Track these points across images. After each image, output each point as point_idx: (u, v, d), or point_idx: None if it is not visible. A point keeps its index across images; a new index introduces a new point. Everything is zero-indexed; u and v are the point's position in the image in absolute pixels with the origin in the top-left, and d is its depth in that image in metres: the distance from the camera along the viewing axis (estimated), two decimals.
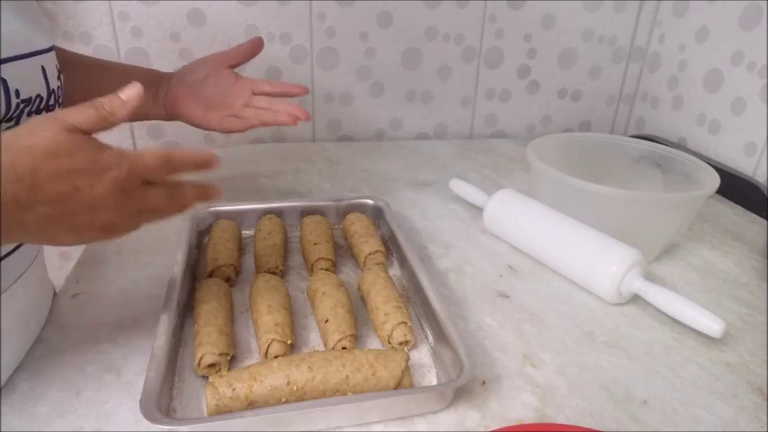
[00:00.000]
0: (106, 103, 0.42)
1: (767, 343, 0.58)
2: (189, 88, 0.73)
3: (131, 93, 0.43)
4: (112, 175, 0.39)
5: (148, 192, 0.42)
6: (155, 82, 0.74)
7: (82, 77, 0.68)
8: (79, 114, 0.40)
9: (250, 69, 1.05)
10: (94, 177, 0.39)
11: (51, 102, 0.49)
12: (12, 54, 0.44)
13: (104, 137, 0.42)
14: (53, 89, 0.49)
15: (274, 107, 0.73)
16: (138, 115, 0.76)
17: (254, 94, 0.74)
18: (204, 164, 0.45)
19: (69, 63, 0.67)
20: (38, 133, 0.38)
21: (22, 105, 0.45)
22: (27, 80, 0.46)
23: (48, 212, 0.38)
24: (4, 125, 0.44)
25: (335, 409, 0.45)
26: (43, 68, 0.48)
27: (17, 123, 0.45)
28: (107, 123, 0.41)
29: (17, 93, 0.44)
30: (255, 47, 0.74)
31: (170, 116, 0.75)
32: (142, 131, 1.07)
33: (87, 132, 0.40)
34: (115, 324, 0.56)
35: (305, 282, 0.64)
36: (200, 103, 0.73)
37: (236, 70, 0.75)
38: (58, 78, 0.51)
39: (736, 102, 0.96)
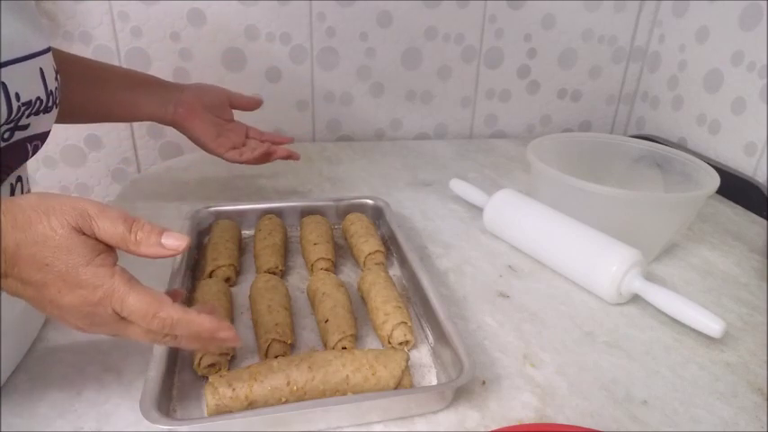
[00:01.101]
0: (142, 230, 0.39)
1: (767, 343, 0.58)
2: (204, 108, 0.76)
3: (172, 243, 0.39)
4: (82, 294, 0.37)
5: (125, 326, 0.39)
6: (162, 84, 0.76)
7: (85, 80, 0.69)
8: (108, 222, 0.38)
9: (250, 70, 1.05)
10: (65, 286, 0.37)
11: (50, 103, 0.49)
12: (11, 57, 0.44)
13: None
14: (51, 90, 0.49)
15: (272, 141, 0.81)
16: (138, 117, 0.77)
17: (247, 137, 0.81)
18: (212, 331, 0.40)
19: (73, 66, 0.67)
20: (46, 216, 0.37)
21: (23, 108, 0.45)
22: (26, 83, 0.45)
23: (19, 289, 0.38)
24: (5, 127, 0.44)
25: (335, 409, 0.45)
26: (41, 70, 0.48)
27: (17, 126, 0.45)
28: (126, 249, 0.39)
29: (17, 96, 0.44)
30: (255, 105, 0.81)
31: (175, 124, 0.76)
32: (142, 131, 1.07)
33: (98, 240, 0.38)
34: None
35: (305, 282, 0.64)
36: (213, 127, 0.77)
37: None
38: (56, 79, 0.51)
39: (736, 102, 0.96)
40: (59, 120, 0.66)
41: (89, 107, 0.73)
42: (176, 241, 0.39)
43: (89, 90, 0.70)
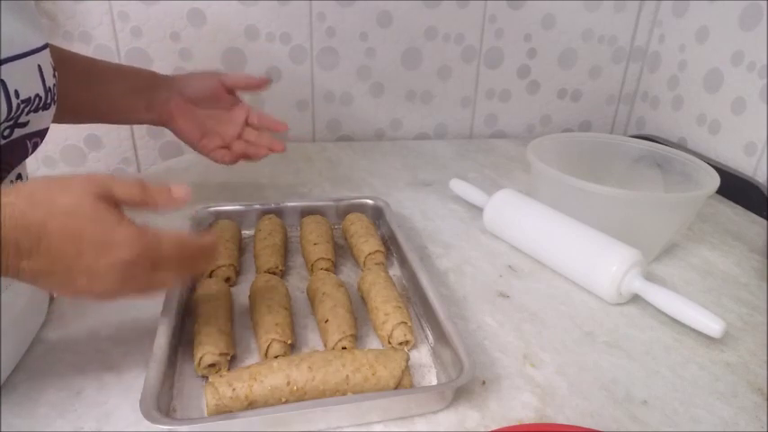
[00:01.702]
0: (154, 190, 0.42)
1: (767, 343, 0.58)
2: (188, 106, 0.73)
3: (181, 193, 0.44)
4: (121, 255, 0.38)
5: (155, 275, 0.41)
6: (151, 84, 0.74)
7: (77, 79, 0.67)
8: (122, 185, 0.40)
9: (250, 70, 1.05)
10: (102, 251, 0.38)
11: (48, 100, 0.49)
12: (9, 54, 0.44)
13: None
14: (49, 87, 0.49)
15: (259, 141, 0.75)
16: (128, 119, 0.76)
17: (247, 123, 0.76)
18: (210, 252, 0.47)
19: (66, 63, 0.66)
20: (67, 189, 0.38)
21: (22, 106, 0.45)
22: (25, 80, 0.45)
23: (45, 266, 0.37)
24: (5, 125, 0.44)
25: (335, 409, 0.45)
26: (39, 67, 0.48)
27: (16, 124, 0.45)
28: (144, 207, 0.42)
29: (17, 93, 0.44)
30: (262, 85, 0.75)
31: (162, 124, 0.75)
32: (142, 131, 1.07)
33: (118, 204, 0.40)
34: (115, 324, 0.56)
35: (305, 282, 0.64)
36: (197, 127, 0.73)
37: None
38: (54, 76, 0.51)
39: (736, 102, 0.96)
40: (55, 119, 0.66)
41: (80, 109, 0.71)
42: (182, 190, 0.44)
43: (80, 92, 0.68)
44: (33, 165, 1.05)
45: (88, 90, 0.69)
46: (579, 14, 1.13)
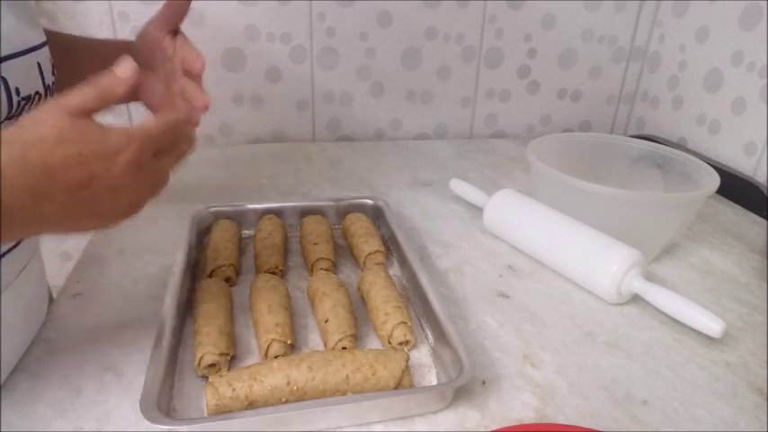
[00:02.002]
0: (103, 81, 0.41)
1: (767, 343, 0.58)
2: (147, 70, 0.61)
3: (126, 68, 0.42)
4: (125, 156, 0.39)
5: (160, 162, 0.43)
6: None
7: (60, 59, 0.60)
8: (79, 97, 0.40)
9: (250, 70, 1.05)
10: (108, 161, 0.38)
11: (48, 98, 0.49)
12: (9, 52, 0.44)
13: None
14: (48, 85, 0.49)
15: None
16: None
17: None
18: (200, 109, 0.50)
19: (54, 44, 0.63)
20: (42, 122, 0.37)
21: (23, 104, 0.45)
22: (25, 77, 0.45)
23: (67, 201, 0.37)
24: (6, 123, 0.44)
25: (335, 409, 0.45)
26: (39, 65, 0.48)
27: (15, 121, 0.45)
28: (107, 101, 0.41)
29: (17, 91, 0.44)
30: (181, 3, 0.60)
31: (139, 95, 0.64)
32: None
33: (90, 114, 0.40)
34: (115, 324, 0.56)
35: (305, 282, 0.64)
36: (155, 93, 0.62)
37: None
38: (53, 74, 0.51)
39: (736, 102, 0.96)
40: None
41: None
42: (124, 65, 0.43)
43: (63, 71, 0.59)
44: None
45: (69, 69, 0.60)
46: (579, 14, 1.13)
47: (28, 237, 0.38)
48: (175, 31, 0.62)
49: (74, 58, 0.63)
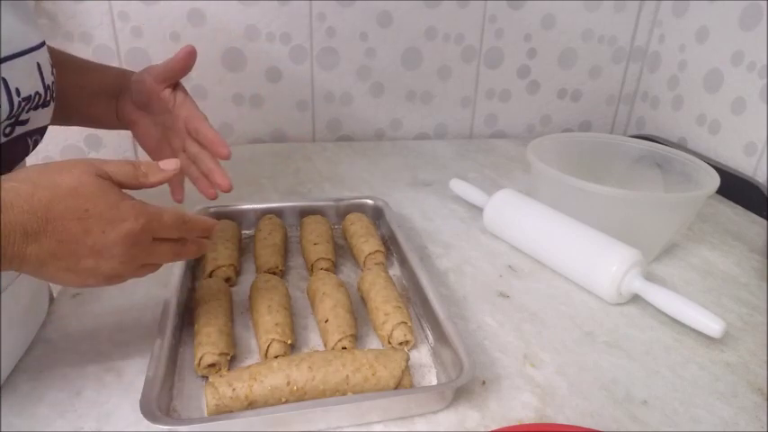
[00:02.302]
0: (144, 165, 0.44)
1: (767, 343, 0.58)
2: (139, 113, 0.63)
3: (170, 166, 0.45)
4: (127, 227, 0.40)
5: (158, 247, 0.43)
6: (116, 91, 0.64)
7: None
8: (115, 165, 0.42)
9: (250, 70, 1.05)
10: (109, 225, 0.39)
11: (48, 98, 0.49)
12: (9, 52, 0.44)
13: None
14: (48, 84, 0.49)
15: (201, 165, 0.62)
16: (100, 124, 0.67)
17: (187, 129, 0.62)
18: (209, 230, 0.48)
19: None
20: (68, 172, 0.39)
21: (23, 104, 0.45)
22: (25, 78, 0.45)
23: (52, 249, 0.38)
24: (6, 123, 0.44)
25: (335, 409, 0.45)
26: (38, 65, 0.48)
27: (17, 122, 0.45)
28: (138, 183, 0.44)
29: (17, 91, 0.44)
30: (188, 59, 0.61)
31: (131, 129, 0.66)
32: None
33: (117, 185, 0.42)
34: (115, 324, 0.56)
35: (305, 282, 0.64)
36: (150, 136, 0.63)
37: None
38: (52, 74, 0.50)
39: (736, 102, 0.96)
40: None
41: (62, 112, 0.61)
42: (171, 164, 0.45)
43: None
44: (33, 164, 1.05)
45: (61, 90, 0.58)
46: (579, 14, 1.13)
47: (6, 270, 0.38)
48: (175, 84, 0.62)
49: (66, 77, 0.60)
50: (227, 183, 0.61)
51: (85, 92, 0.63)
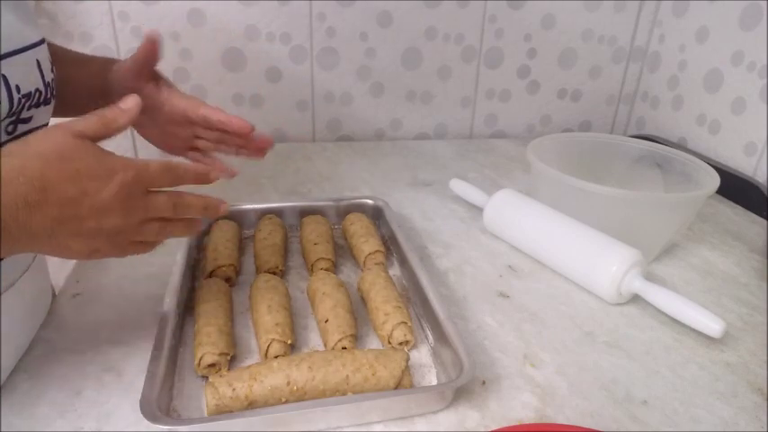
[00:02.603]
0: (108, 112, 0.44)
1: (767, 343, 0.58)
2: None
3: (130, 103, 0.45)
4: (119, 179, 0.40)
5: (153, 198, 0.43)
6: (105, 90, 0.61)
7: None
8: (83, 122, 0.42)
9: (250, 70, 1.05)
10: (101, 181, 0.40)
11: (48, 95, 0.49)
12: (9, 49, 0.44)
13: (107, 142, 0.43)
14: (48, 82, 0.49)
15: (231, 143, 0.63)
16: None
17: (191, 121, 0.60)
18: (203, 177, 0.47)
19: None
20: (47, 139, 0.39)
21: (23, 101, 0.45)
22: (25, 75, 0.46)
23: (55, 215, 0.38)
24: (7, 121, 0.44)
25: (335, 409, 0.45)
26: (38, 62, 0.48)
27: (18, 119, 0.45)
28: (110, 130, 0.43)
29: (17, 88, 0.44)
30: (152, 46, 0.60)
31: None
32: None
33: (92, 139, 0.42)
34: (115, 324, 0.56)
35: (305, 282, 0.64)
36: (156, 132, 0.63)
37: None
38: (52, 71, 0.51)
39: (736, 102, 0.96)
40: None
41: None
42: (130, 100, 0.44)
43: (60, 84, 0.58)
44: None
45: (62, 85, 0.57)
46: (579, 14, 1.13)
47: (19, 251, 0.39)
48: (155, 78, 0.62)
49: (61, 69, 0.61)
50: (269, 141, 0.67)
51: (88, 86, 0.63)
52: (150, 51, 0.60)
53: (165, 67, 1.08)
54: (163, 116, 0.61)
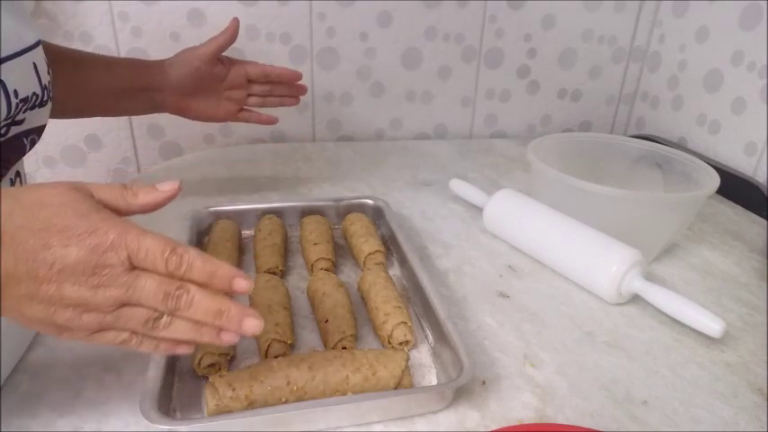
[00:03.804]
0: (135, 186, 0.38)
1: (767, 343, 0.58)
2: (188, 97, 0.74)
3: (167, 186, 0.39)
4: (94, 240, 0.32)
5: (138, 277, 0.34)
6: (143, 85, 0.72)
7: (72, 73, 0.66)
8: (101, 185, 0.37)
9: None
10: (73, 237, 0.32)
11: (45, 98, 0.49)
12: (6, 53, 0.43)
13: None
14: (45, 84, 0.49)
15: (276, 92, 0.77)
16: (133, 114, 0.77)
17: (249, 81, 0.76)
18: (217, 277, 0.36)
19: (59, 58, 0.64)
20: (42, 185, 0.34)
21: (21, 105, 0.45)
22: (22, 79, 0.45)
23: (10, 268, 0.32)
24: (3, 123, 0.44)
25: (335, 409, 0.45)
26: (35, 65, 0.47)
27: (13, 122, 0.45)
28: (125, 204, 0.37)
29: (16, 93, 0.44)
30: (235, 32, 0.74)
31: (177, 114, 0.76)
32: (142, 131, 1.07)
33: (100, 202, 0.36)
34: None
35: (305, 282, 0.64)
36: (209, 106, 0.75)
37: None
38: (48, 73, 0.50)
39: (736, 102, 0.96)
40: (57, 115, 0.65)
41: (79, 108, 0.72)
42: (169, 184, 0.39)
43: (75, 90, 0.67)
44: (33, 165, 1.05)
45: (77, 93, 0.68)
46: (579, 14, 1.13)
47: None
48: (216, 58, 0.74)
49: (82, 73, 0.69)
50: (304, 87, 0.79)
51: (109, 92, 0.70)
52: (233, 35, 0.73)
53: None
54: (225, 84, 0.74)
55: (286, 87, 0.78)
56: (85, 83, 0.69)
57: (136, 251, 0.33)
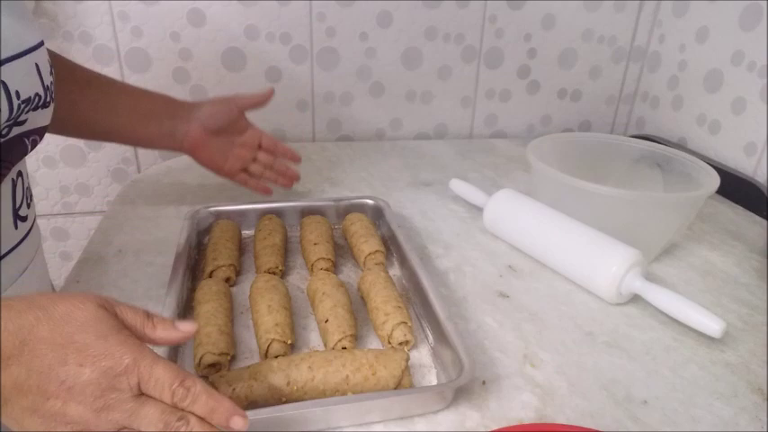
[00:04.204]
0: (158, 318, 0.38)
1: (767, 343, 0.58)
2: (212, 135, 0.75)
3: (186, 327, 0.39)
4: (108, 363, 0.33)
5: (143, 405, 0.34)
6: (171, 114, 0.74)
7: (105, 92, 0.70)
8: (126, 307, 0.37)
9: (250, 70, 1.05)
10: (88, 356, 0.33)
11: (47, 99, 0.49)
12: (8, 54, 0.43)
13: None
14: (47, 85, 0.48)
15: (276, 167, 0.81)
16: (151, 144, 0.77)
17: (260, 147, 0.79)
18: (217, 414, 0.36)
19: (89, 82, 0.68)
20: (70, 296, 0.35)
21: (23, 106, 0.45)
22: (25, 80, 0.45)
23: (20, 380, 0.32)
24: (5, 124, 0.44)
25: (335, 409, 0.45)
26: (37, 66, 0.47)
27: (15, 123, 0.45)
28: (142, 333, 0.37)
29: (17, 94, 0.43)
30: (269, 97, 0.77)
31: (185, 153, 0.76)
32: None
33: (126, 324, 0.37)
34: None
35: (305, 282, 0.64)
36: (220, 154, 0.77)
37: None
38: (51, 74, 0.50)
39: (736, 102, 0.96)
40: (63, 132, 0.67)
41: (98, 132, 0.73)
42: (188, 326, 0.39)
43: (97, 115, 0.69)
44: (33, 165, 1.05)
45: (105, 114, 0.70)
46: (579, 14, 1.13)
47: None
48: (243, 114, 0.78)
49: (115, 95, 0.71)
50: (297, 175, 0.84)
51: (136, 115, 0.72)
52: (267, 102, 0.77)
53: (164, 67, 1.09)
54: (240, 139, 0.78)
55: (284, 164, 0.82)
56: (117, 103, 0.71)
57: (147, 379, 0.34)
